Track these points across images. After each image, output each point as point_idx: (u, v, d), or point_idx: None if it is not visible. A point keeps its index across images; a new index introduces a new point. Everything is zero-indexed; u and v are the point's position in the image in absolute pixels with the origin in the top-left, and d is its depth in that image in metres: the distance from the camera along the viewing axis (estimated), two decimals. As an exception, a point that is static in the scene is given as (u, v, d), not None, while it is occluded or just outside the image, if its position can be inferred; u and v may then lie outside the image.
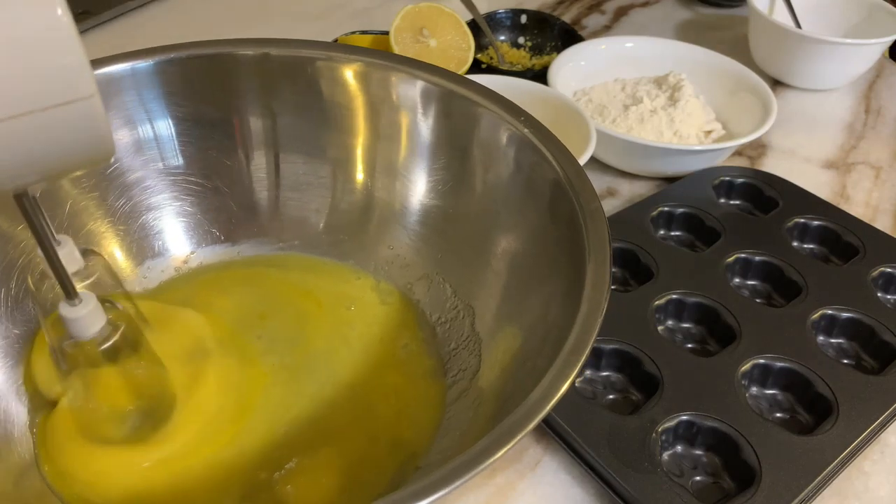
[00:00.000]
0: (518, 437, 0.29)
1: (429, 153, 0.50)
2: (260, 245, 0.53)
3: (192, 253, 0.52)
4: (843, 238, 0.60)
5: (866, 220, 0.62)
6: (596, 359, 0.49)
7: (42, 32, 0.24)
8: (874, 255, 0.58)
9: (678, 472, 0.43)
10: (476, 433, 0.38)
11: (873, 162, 0.75)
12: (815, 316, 0.52)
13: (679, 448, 0.45)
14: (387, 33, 0.75)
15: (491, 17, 0.85)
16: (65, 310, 0.35)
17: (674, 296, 0.53)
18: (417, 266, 0.51)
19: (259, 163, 0.52)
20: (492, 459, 0.29)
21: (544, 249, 0.43)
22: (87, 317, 0.35)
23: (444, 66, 0.50)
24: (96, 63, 0.46)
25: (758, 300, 0.55)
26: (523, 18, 0.87)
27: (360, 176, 0.52)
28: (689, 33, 0.97)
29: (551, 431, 0.45)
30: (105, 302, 0.36)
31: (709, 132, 0.71)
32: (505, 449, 0.29)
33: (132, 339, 0.38)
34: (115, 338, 0.37)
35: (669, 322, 0.53)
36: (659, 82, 0.74)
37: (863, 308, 0.53)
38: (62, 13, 0.24)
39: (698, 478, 0.43)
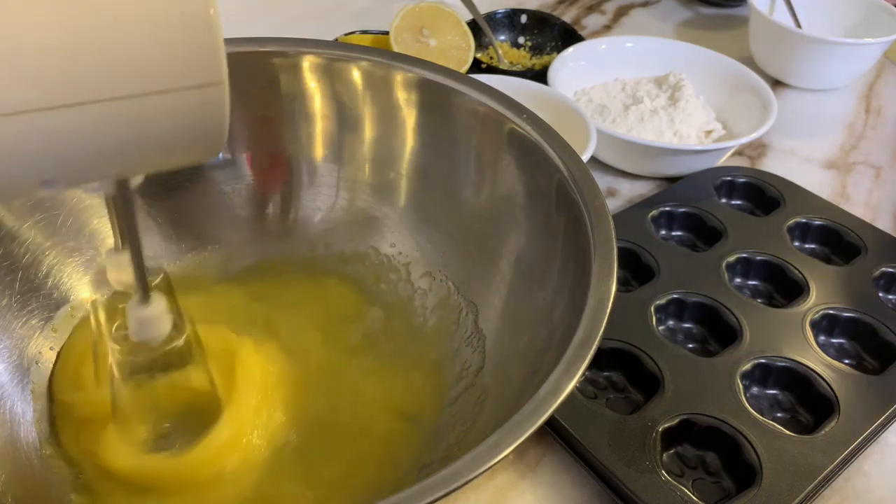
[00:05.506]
0: (530, 431, 0.29)
1: (431, 151, 0.50)
2: (265, 243, 0.53)
3: (194, 251, 0.52)
4: (844, 238, 0.60)
5: (867, 220, 0.62)
6: (597, 358, 0.49)
7: (187, 8, 0.23)
8: (875, 255, 0.58)
9: (678, 472, 0.43)
10: (482, 429, 0.38)
11: (873, 162, 0.75)
12: (817, 316, 0.52)
13: (679, 448, 0.45)
14: (387, 33, 0.75)
15: (491, 17, 0.85)
16: (136, 310, 0.33)
17: (675, 296, 0.53)
18: (420, 263, 0.51)
19: (262, 163, 0.52)
20: (506, 452, 0.29)
21: (549, 246, 0.43)
22: (158, 318, 0.34)
23: (445, 66, 0.50)
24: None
25: (759, 300, 0.55)
26: (523, 18, 0.87)
27: (362, 174, 0.52)
28: (689, 33, 0.97)
29: (551, 431, 0.45)
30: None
31: (709, 132, 0.71)
32: (518, 441, 0.29)
33: (193, 346, 0.37)
34: (180, 341, 0.35)
35: (670, 322, 0.53)
36: (659, 82, 0.74)
37: (864, 308, 0.53)
38: None
39: (699, 478, 0.43)
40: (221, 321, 0.47)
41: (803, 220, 0.61)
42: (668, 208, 0.61)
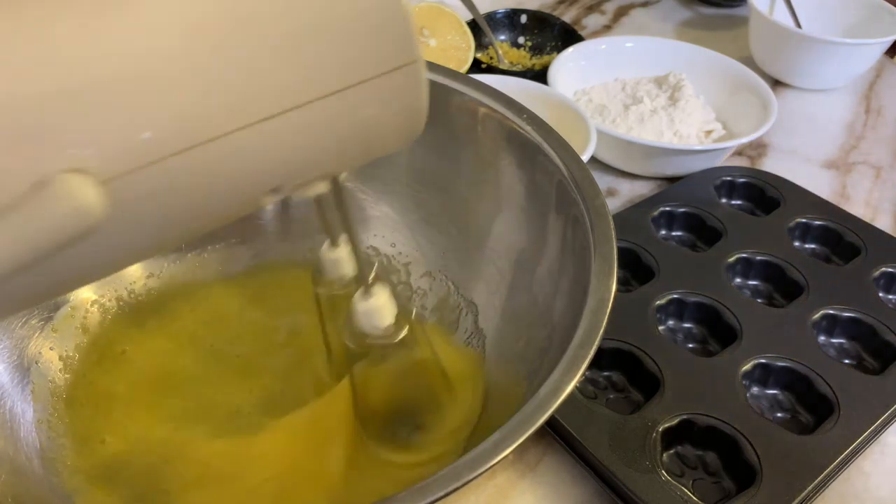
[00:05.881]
0: (530, 431, 0.29)
1: (431, 152, 0.50)
2: (265, 243, 0.53)
3: (194, 251, 0.52)
4: (844, 238, 0.60)
5: (866, 219, 0.62)
6: (597, 358, 0.48)
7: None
8: (875, 255, 0.58)
9: (679, 472, 0.43)
10: (482, 430, 0.38)
11: (873, 162, 0.75)
12: (817, 316, 0.52)
13: (680, 448, 0.45)
14: (387, 33, 0.75)
15: (491, 17, 0.85)
16: (360, 302, 0.34)
17: (675, 296, 0.53)
18: (420, 263, 0.51)
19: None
20: (505, 452, 0.29)
21: (549, 246, 0.43)
22: (382, 308, 0.34)
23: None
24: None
25: (759, 300, 0.55)
26: (523, 18, 0.87)
27: (361, 173, 0.52)
28: (689, 33, 0.97)
29: (552, 431, 0.45)
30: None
31: (709, 132, 0.71)
32: (518, 441, 0.29)
33: (420, 334, 0.37)
34: (405, 330, 0.35)
35: (670, 322, 0.53)
36: (659, 82, 0.74)
37: (864, 308, 0.53)
38: None
39: (699, 478, 0.43)
40: (220, 327, 0.47)
41: (803, 220, 0.61)
42: (668, 208, 0.61)
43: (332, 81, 0.23)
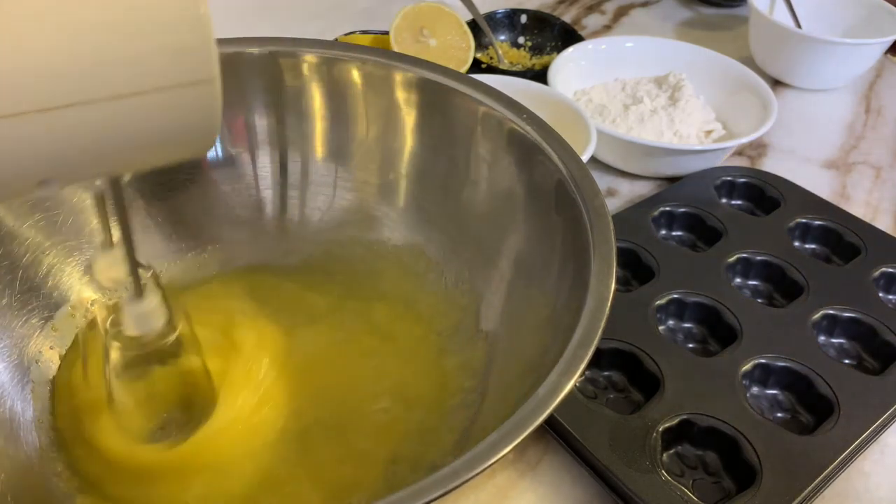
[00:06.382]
0: (528, 431, 0.29)
1: (431, 151, 0.50)
2: (265, 243, 0.53)
3: (194, 251, 0.52)
4: (844, 238, 0.60)
5: (866, 220, 0.62)
6: (597, 358, 0.49)
7: (179, 6, 0.23)
8: (876, 256, 0.58)
9: (679, 472, 0.43)
10: (481, 429, 0.38)
11: (873, 162, 0.75)
12: (817, 316, 0.52)
13: (680, 448, 0.45)
14: (387, 33, 0.75)
15: (491, 17, 0.85)
16: (131, 305, 0.34)
17: (675, 295, 0.53)
18: (420, 264, 0.51)
19: (263, 161, 0.52)
20: (503, 452, 0.29)
21: (549, 246, 0.43)
22: (153, 313, 0.35)
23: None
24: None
25: (759, 300, 0.55)
26: (523, 18, 0.87)
27: (362, 173, 0.52)
28: (689, 33, 0.97)
29: (552, 431, 0.45)
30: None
31: (709, 132, 0.71)
32: (516, 441, 0.29)
33: (188, 339, 0.38)
34: (174, 335, 0.36)
35: (670, 322, 0.53)
36: (659, 82, 0.74)
37: (864, 308, 0.53)
38: None
39: (699, 478, 0.43)
40: (220, 318, 0.47)
41: (803, 220, 0.61)
42: (668, 208, 0.61)
43: (117, 84, 0.23)
